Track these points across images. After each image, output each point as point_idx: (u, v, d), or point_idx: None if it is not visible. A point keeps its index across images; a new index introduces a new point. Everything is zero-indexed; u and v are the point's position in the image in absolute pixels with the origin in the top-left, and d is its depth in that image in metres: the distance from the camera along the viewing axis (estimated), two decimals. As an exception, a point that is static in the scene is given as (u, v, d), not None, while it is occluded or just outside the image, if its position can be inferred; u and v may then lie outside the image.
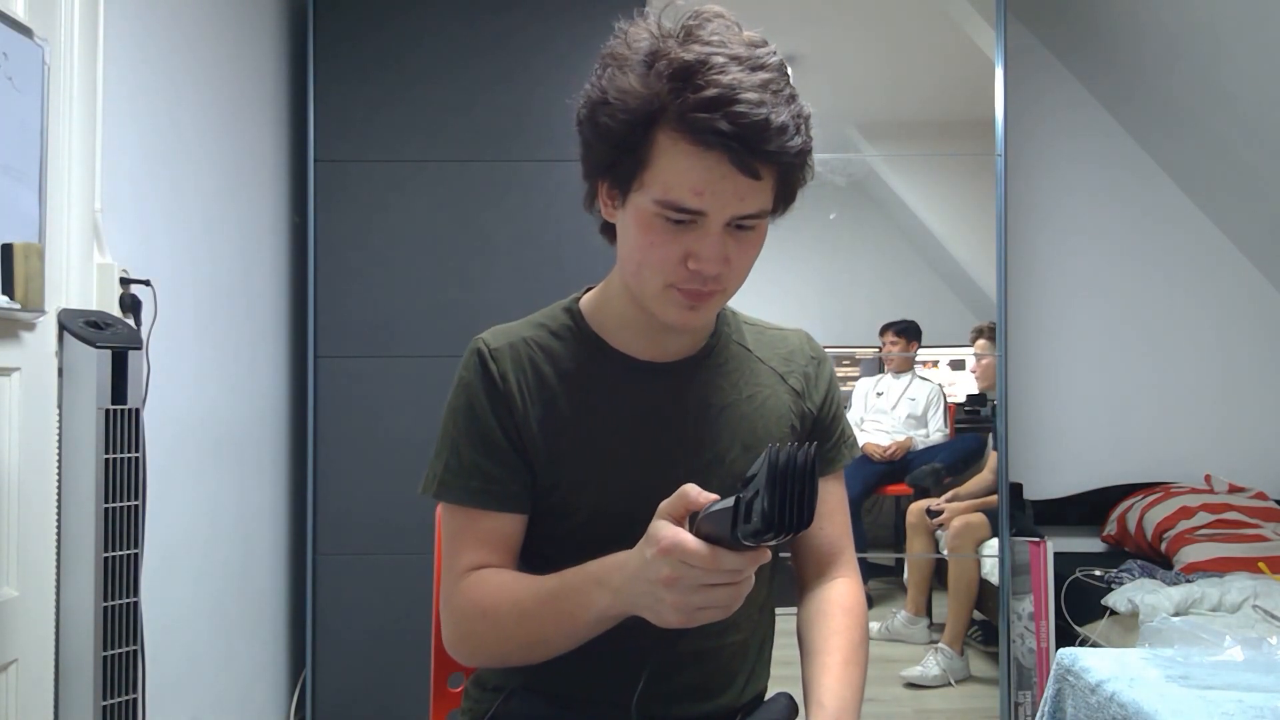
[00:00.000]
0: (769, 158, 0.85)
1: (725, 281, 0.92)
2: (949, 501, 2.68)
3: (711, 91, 0.82)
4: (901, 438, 2.76)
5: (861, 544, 2.81)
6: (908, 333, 2.77)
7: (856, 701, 0.98)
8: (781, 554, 1.12)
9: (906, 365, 2.79)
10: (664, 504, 0.79)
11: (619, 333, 1.02)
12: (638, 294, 0.95)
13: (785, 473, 0.67)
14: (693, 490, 0.78)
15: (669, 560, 0.75)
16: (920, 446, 2.76)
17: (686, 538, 0.75)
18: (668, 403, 1.01)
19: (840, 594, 1.07)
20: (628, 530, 0.81)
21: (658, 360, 1.02)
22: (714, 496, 0.76)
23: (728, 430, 1.02)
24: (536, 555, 1.01)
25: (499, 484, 0.98)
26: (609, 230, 1.00)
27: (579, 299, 1.07)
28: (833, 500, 1.11)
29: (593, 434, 0.99)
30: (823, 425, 1.10)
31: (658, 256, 0.90)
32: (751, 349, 1.08)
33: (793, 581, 1.14)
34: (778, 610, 1.13)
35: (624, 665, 0.90)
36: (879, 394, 2.81)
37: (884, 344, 2.78)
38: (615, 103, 0.88)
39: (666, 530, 0.76)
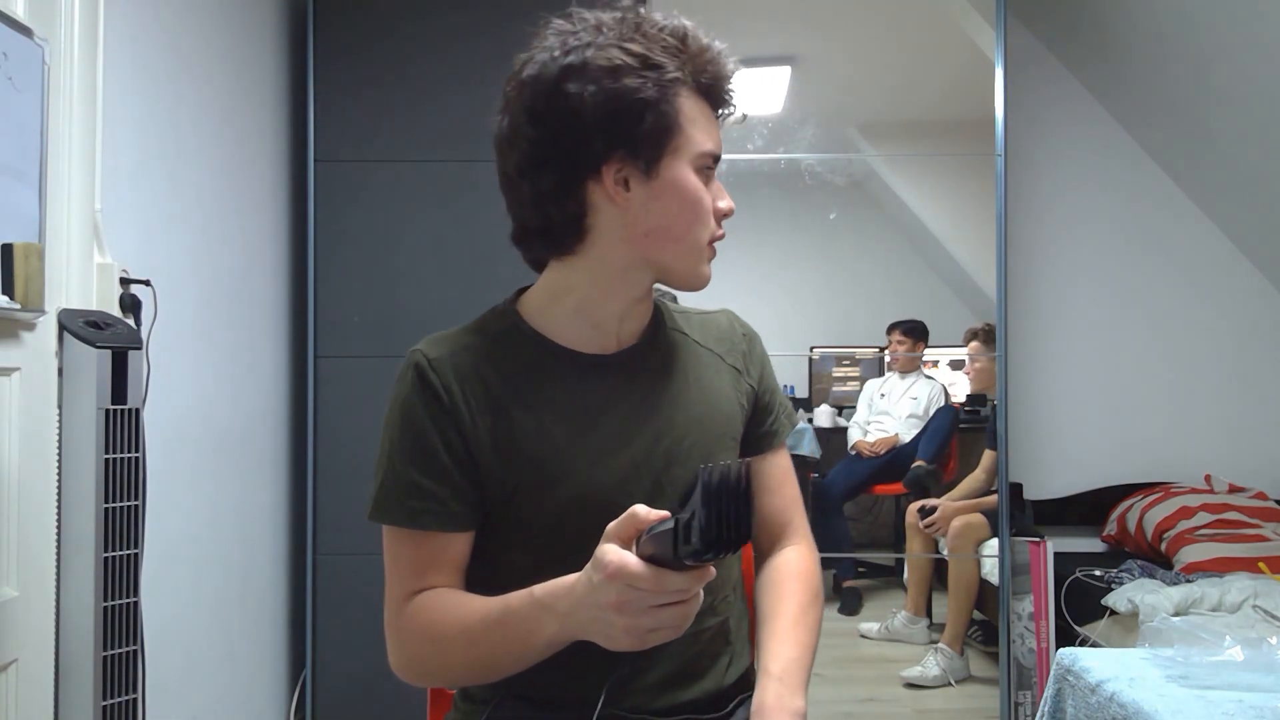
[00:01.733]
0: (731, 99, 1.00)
1: None
2: (945, 500, 2.69)
3: (711, 54, 0.95)
4: (891, 435, 2.76)
5: (850, 544, 2.81)
6: (914, 333, 2.76)
7: (804, 658, 0.98)
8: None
9: (912, 365, 2.78)
10: (612, 525, 0.78)
11: (564, 329, 1.00)
12: (680, 264, 0.98)
13: (719, 491, 0.68)
14: (641, 510, 0.77)
15: (616, 585, 0.75)
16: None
17: (632, 561, 0.75)
18: (619, 394, 1.00)
19: (790, 559, 1.08)
20: (593, 528, 0.80)
21: (603, 353, 1.01)
22: (662, 514, 0.76)
23: (681, 415, 1.02)
24: (503, 565, 0.98)
25: (439, 502, 0.94)
26: (547, 234, 0.96)
27: (514, 302, 1.04)
28: (779, 472, 1.12)
29: (548, 433, 0.97)
30: (762, 401, 1.12)
31: (705, 209, 0.97)
32: (687, 333, 1.09)
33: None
34: None
35: (609, 666, 0.89)
36: (882, 395, 2.81)
37: (890, 343, 2.77)
38: (631, 68, 0.90)
39: (612, 554, 0.76)
